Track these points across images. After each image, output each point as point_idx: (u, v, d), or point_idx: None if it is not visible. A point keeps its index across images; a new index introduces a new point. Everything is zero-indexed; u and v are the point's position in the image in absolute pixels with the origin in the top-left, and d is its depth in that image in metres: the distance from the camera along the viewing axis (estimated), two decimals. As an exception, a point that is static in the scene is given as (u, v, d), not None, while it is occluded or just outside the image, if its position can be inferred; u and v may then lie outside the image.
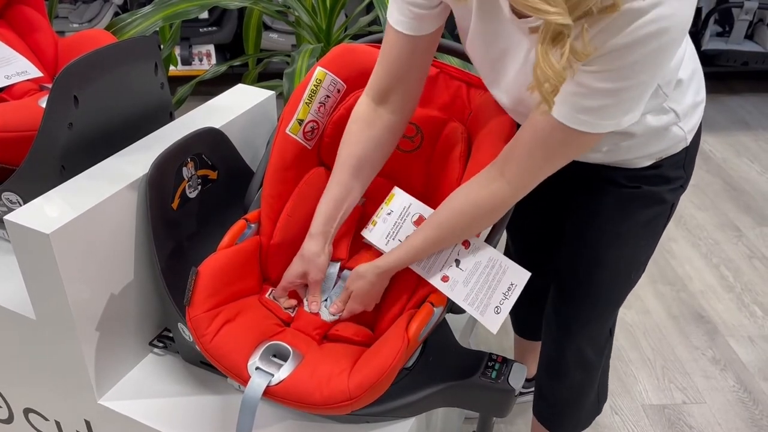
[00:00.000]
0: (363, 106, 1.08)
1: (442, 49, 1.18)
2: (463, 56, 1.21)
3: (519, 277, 1.01)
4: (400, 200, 1.12)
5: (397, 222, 1.09)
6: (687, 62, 1.06)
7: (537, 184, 0.98)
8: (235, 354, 0.99)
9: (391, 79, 1.04)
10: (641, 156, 1.09)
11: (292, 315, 1.12)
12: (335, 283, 1.14)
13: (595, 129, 0.87)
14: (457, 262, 1.02)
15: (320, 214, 1.09)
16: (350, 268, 1.13)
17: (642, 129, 1.03)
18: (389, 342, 0.99)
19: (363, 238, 1.13)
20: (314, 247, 1.08)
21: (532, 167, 0.95)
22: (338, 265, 1.15)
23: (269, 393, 0.96)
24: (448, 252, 1.04)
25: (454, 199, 1.03)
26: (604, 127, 0.87)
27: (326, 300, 1.13)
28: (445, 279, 1.02)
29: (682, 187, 1.16)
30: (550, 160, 0.94)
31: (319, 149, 1.18)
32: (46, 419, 1.27)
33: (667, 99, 1.03)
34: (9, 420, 1.33)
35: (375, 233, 1.11)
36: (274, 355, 1.00)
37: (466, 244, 1.03)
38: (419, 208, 1.10)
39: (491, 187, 0.98)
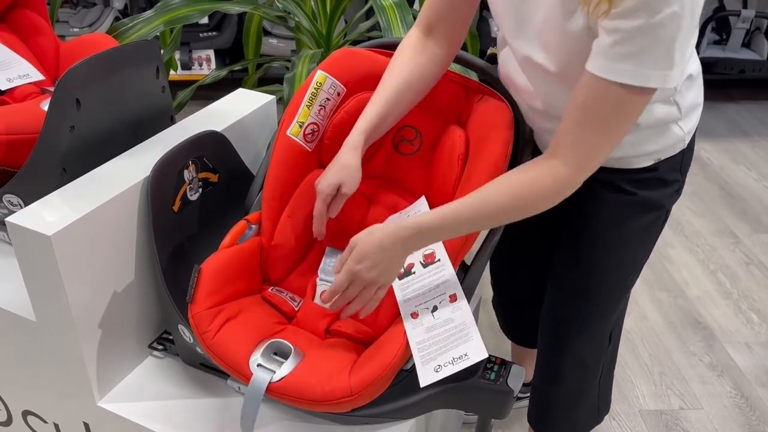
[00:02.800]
0: (412, 37, 1.12)
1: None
2: (462, 61, 1.22)
3: (476, 352, 0.95)
4: (418, 208, 1.11)
5: None
6: (694, 62, 1.08)
7: (598, 162, 0.94)
8: (237, 351, 1.00)
9: (440, 11, 1.08)
10: (642, 154, 1.09)
11: (296, 309, 1.12)
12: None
13: (639, 80, 0.85)
14: (435, 308, 1.01)
15: (362, 127, 1.07)
16: None
17: (644, 120, 1.03)
18: (390, 340, 1.00)
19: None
20: (354, 159, 1.06)
21: (587, 143, 0.91)
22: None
23: (270, 390, 0.97)
24: (433, 293, 1.02)
25: (504, 182, 0.97)
26: (649, 78, 0.85)
27: (330, 283, 1.13)
28: (414, 315, 1.01)
29: (678, 192, 1.17)
30: (604, 132, 0.90)
31: (320, 152, 1.19)
32: (45, 422, 1.27)
33: (675, 92, 1.04)
34: (7, 422, 1.33)
35: None
36: (275, 353, 1.01)
37: (453, 297, 1.01)
38: (437, 247, 1.07)
39: (548, 169, 0.93)
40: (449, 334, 0.98)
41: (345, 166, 1.06)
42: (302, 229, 1.15)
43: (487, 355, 0.96)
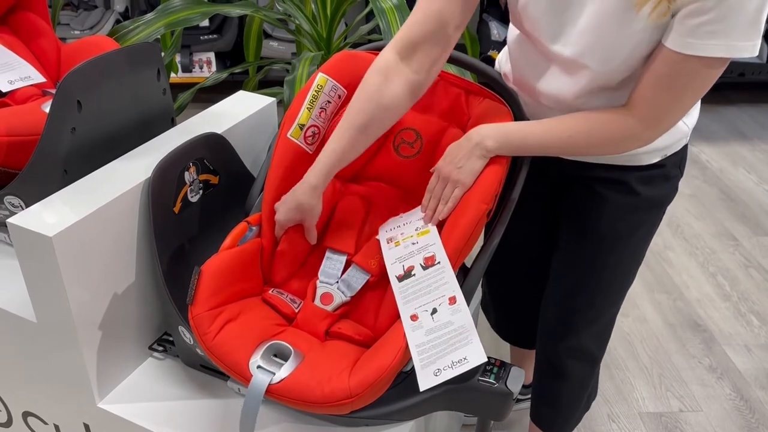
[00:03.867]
0: (385, 58, 1.03)
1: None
2: (460, 63, 1.22)
3: (475, 356, 0.96)
4: (428, 238, 1.10)
5: (413, 252, 1.09)
6: None
7: (667, 125, 0.98)
8: (237, 352, 1.00)
9: (424, 30, 1.00)
10: (652, 151, 1.10)
11: (296, 311, 1.12)
12: (340, 277, 1.15)
13: (700, 50, 0.88)
14: (434, 311, 1.01)
15: (322, 165, 1.07)
16: (357, 263, 1.15)
17: None
18: (389, 342, 1.00)
19: (378, 242, 1.15)
20: (312, 200, 1.09)
21: (661, 106, 0.96)
22: (344, 258, 1.16)
23: (270, 392, 0.97)
24: (433, 296, 1.03)
25: (583, 117, 1.02)
26: (710, 48, 0.87)
27: (332, 285, 1.14)
28: (414, 318, 1.02)
29: (676, 189, 1.19)
30: (680, 98, 0.94)
31: (320, 154, 1.19)
32: (45, 423, 1.27)
33: None
34: (8, 423, 1.33)
35: (391, 252, 1.12)
36: (275, 355, 1.01)
37: (452, 300, 1.01)
38: (438, 250, 1.07)
39: (622, 117, 0.98)
40: (449, 337, 0.98)
41: (301, 207, 1.09)
42: (302, 231, 1.15)
43: (486, 359, 0.96)
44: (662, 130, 0.99)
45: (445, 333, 0.99)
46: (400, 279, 1.07)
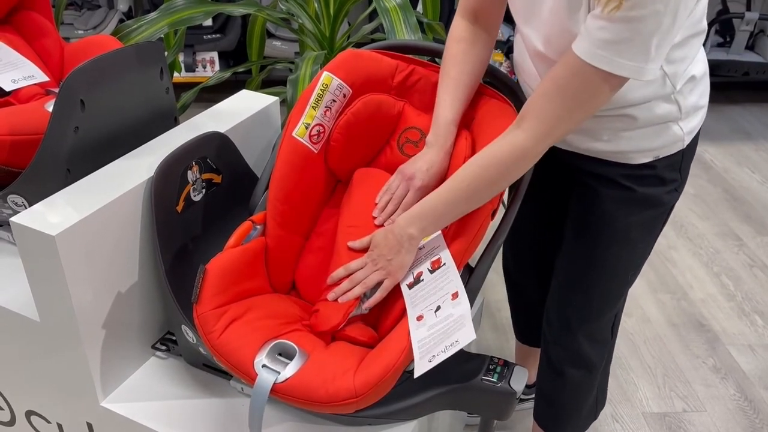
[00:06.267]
0: (461, 27, 1.15)
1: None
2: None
3: (465, 336, 0.96)
4: (433, 240, 1.10)
5: (420, 258, 1.09)
6: (701, 63, 1.09)
7: (557, 135, 0.98)
8: (242, 351, 0.99)
9: None
10: (639, 150, 1.10)
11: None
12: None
13: (611, 66, 0.89)
14: (438, 308, 1.01)
15: (448, 127, 1.12)
16: None
17: (644, 115, 1.05)
18: (393, 341, 1.00)
19: None
20: (446, 165, 1.14)
21: (549, 115, 0.96)
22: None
23: (275, 391, 0.97)
24: (438, 295, 1.03)
25: (476, 157, 1.04)
26: (621, 66, 0.89)
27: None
28: (419, 318, 1.02)
29: (677, 191, 1.18)
30: (568, 107, 0.95)
31: (326, 153, 1.19)
32: (48, 422, 1.27)
33: (675, 91, 1.05)
34: (11, 422, 1.33)
35: None
36: (280, 354, 1.01)
37: (455, 295, 1.02)
38: (443, 252, 1.07)
39: (509, 138, 1.00)
40: (445, 328, 0.99)
41: (441, 173, 1.13)
42: (306, 231, 1.16)
43: (474, 336, 0.97)
44: (548, 144, 0.99)
45: (444, 325, 0.99)
46: (411, 287, 1.07)
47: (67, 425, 1.24)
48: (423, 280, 1.06)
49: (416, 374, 0.95)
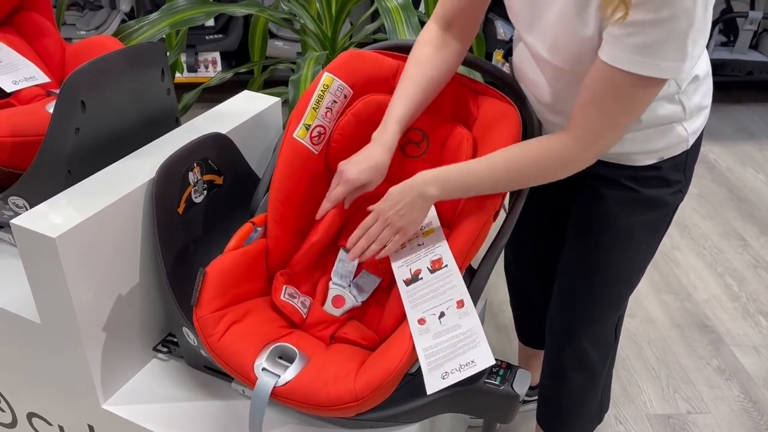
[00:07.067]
0: (431, 31, 1.13)
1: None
2: (467, 63, 1.21)
3: (483, 358, 0.95)
4: (433, 238, 1.10)
5: (419, 255, 1.09)
6: (704, 62, 1.09)
7: (604, 144, 0.97)
8: (242, 355, 0.99)
9: (457, 6, 1.10)
10: (643, 152, 1.10)
11: (305, 317, 1.12)
12: (351, 281, 1.15)
13: (650, 70, 0.87)
14: (442, 314, 1.00)
15: (395, 126, 1.09)
16: (367, 269, 1.14)
17: (648, 116, 1.04)
18: (395, 344, 0.99)
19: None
20: (386, 161, 1.09)
21: (593, 124, 0.95)
22: (356, 263, 1.15)
23: (275, 394, 0.96)
24: (441, 300, 1.02)
25: (522, 147, 1.03)
26: (661, 69, 0.87)
27: (345, 289, 1.13)
28: (421, 322, 1.01)
29: (681, 192, 1.17)
30: (612, 116, 0.94)
31: (326, 154, 1.18)
32: (50, 424, 1.27)
33: (679, 91, 1.04)
34: (13, 424, 1.33)
35: (398, 254, 1.11)
36: (280, 357, 1.01)
37: (460, 303, 1.01)
38: (444, 252, 1.07)
39: (558, 140, 0.98)
40: (457, 341, 0.97)
41: (378, 168, 1.09)
42: (308, 231, 1.15)
43: (493, 362, 0.96)
44: (599, 152, 0.98)
45: (452, 336, 0.98)
46: (408, 283, 1.06)
47: (68, 427, 1.24)
48: (422, 278, 1.05)
49: (429, 391, 0.95)
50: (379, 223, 1.06)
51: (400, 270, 1.08)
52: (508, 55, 1.25)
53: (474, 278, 1.10)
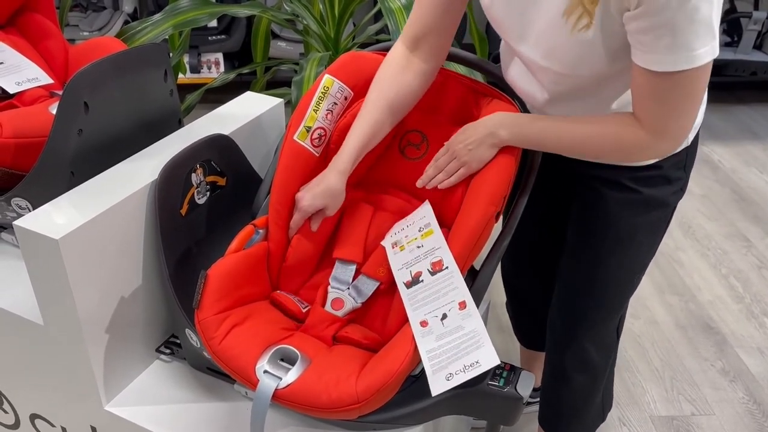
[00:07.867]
0: (396, 52, 1.12)
1: (449, 57, 1.18)
2: (469, 63, 1.21)
3: (488, 359, 0.95)
4: (433, 240, 1.10)
5: (419, 257, 1.08)
6: None
7: (679, 131, 0.97)
8: (244, 357, 0.99)
9: (425, 25, 1.08)
10: None
11: (304, 311, 1.11)
12: (348, 286, 1.14)
13: (694, 61, 0.88)
14: (444, 316, 1.00)
15: (349, 151, 1.09)
16: (366, 273, 1.13)
17: None
18: (397, 346, 0.99)
19: (383, 249, 1.14)
20: (340, 185, 1.10)
21: (663, 119, 0.95)
22: (354, 267, 1.15)
23: (277, 397, 0.96)
24: (443, 301, 1.01)
25: (604, 121, 1.02)
26: (700, 57, 0.88)
27: (343, 291, 1.13)
28: (424, 324, 1.00)
29: (682, 190, 1.18)
30: (677, 109, 0.94)
31: (327, 156, 1.18)
32: (53, 425, 1.27)
33: None
34: (15, 426, 1.33)
35: (397, 257, 1.11)
36: (282, 359, 1.00)
37: (462, 304, 1.00)
38: (444, 253, 1.07)
39: (635, 130, 0.97)
40: (460, 342, 0.97)
41: (330, 191, 1.09)
42: (315, 246, 1.15)
43: (498, 362, 0.95)
44: (674, 139, 0.98)
45: (456, 338, 0.97)
46: (408, 285, 1.06)
47: (70, 429, 1.24)
48: (422, 280, 1.05)
49: (434, 393, 0.94)
50: (448, 155, 1.10)
51: (401, 273, 1.08)
52: (495, 62, 1.25)
53: (476, 280, 1.09)
